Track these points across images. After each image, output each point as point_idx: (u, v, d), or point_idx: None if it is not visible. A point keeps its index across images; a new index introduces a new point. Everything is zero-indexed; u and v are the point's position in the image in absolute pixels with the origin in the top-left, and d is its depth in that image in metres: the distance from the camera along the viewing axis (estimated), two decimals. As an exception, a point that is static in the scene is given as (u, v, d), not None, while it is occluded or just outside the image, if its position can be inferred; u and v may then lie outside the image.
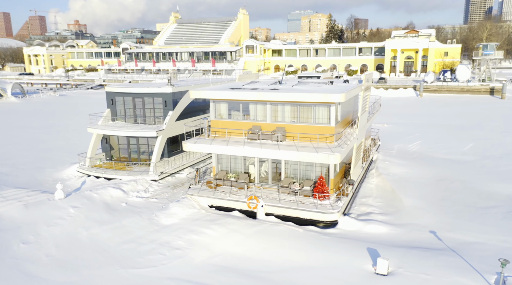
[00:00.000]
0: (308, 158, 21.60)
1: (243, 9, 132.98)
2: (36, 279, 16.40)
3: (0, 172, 31.99)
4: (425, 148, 39.84)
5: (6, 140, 44.38)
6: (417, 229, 21.36)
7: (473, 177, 30.25)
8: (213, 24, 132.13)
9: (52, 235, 20.13)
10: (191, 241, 19.39)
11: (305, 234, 20.27)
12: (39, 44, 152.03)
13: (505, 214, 23.29)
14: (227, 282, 16.25)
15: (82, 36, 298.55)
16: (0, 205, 24.43)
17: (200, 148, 24.02)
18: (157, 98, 30.98)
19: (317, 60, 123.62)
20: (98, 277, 16.60)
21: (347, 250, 18.42)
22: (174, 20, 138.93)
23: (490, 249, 18.99)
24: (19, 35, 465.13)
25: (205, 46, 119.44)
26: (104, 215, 22.37)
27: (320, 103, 22.91)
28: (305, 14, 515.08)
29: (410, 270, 16.74)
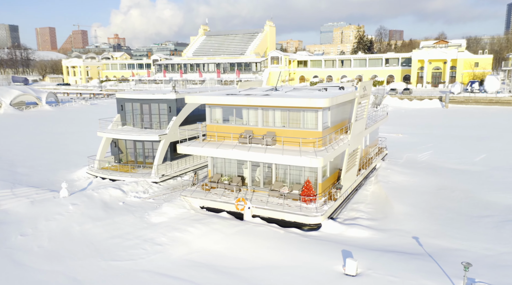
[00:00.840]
0: (292, 161, 22.10)
1: (270, 21, 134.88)
2: (23, 267, 17.71)
3: (18, 172, 34.21)
4: (435, 158, 39.15)
5: (32, 144, 47.18)
6: (400, 235, 21.28)
7: (476, 186, 29.61)
8: (240, 36, 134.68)
9: (48, 228, 21.54)
10: (174, 238, 20.26)
11: (286, 235, 20.68)
12: (76, 56, 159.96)
13: (497, 223, 22.77)
14: (198, 276, 16.95)
15: (119, 49, 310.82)
16: (10, 201, 26.36)
17: (192, 150, 25.03)
18: (162, 104, 32.40)
19: (343, 71, 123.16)
20: (79, 267, 17.71)
21: (321, 252, 18.71)
22: (203, 33, 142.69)
23: (470, 256, 18.72)
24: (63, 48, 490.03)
25: (231, 58, 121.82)
26: (99, 212, 23.66)
27: (307, 108, 23.43)
28: (338, 26, 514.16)
29: (378, 272, 16.84)
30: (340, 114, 26.99)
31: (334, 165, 26.10)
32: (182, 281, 16.49)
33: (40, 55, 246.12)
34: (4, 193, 27.97)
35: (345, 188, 25.85)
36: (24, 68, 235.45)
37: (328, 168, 25.24)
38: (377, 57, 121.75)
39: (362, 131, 28.88)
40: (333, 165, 25.94)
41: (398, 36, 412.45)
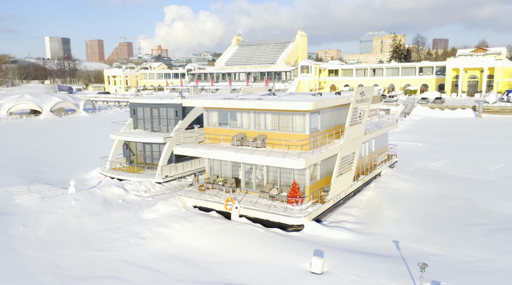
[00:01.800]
0: (276, 162, 22.66)
1: (302, 31, 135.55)
2: (16, 253, 19.32)
3: (40, 171, 36.75)
4: (449, 167, 38.10)
5: (59, 146, 50.28)
6: (381, 238, 21.19)
7: (482, 195, 28.73)
8: (271, 46, 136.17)
9: (48, 221, 23.23)
10: (158, 233, 21.30)
11: (265, 234, 21.18)
12: (117, 67, 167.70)
13: (488, 231, 22.11)
14: (170, 267, 17.83)
15: (159, 60, 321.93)
16: (24, 196, 28.56)
17: (186, 151, 26.16)
18: (169, 108, 33.89)
19: (374, 80, 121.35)
20: (65, 255, 19.09)
21: (294, 250, 19.06)
22: (235, 43, 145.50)
23: (445, 260, 18.44)
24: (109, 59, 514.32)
25: (261, 67, 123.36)
26: (98, 208, 25.18)
27: (295, 112, 23.94)
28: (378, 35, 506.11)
29: (344, 271, 17.01)
30: (335, 119, 27.21)
31: (327, 169, 26.28)
32: (153, 271, 17.43)
33: (86, 66, 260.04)
34: (20, 189, 30.30)
35: (337, 192, 25.94)
36: (71, 78, 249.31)
37: (319, 171, 25.49)
38: (410, 66, 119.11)
39: (360, 136, 28.87)
40: (325, 169, 26.15)
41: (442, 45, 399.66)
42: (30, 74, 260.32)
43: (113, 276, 17.04)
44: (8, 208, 26.06)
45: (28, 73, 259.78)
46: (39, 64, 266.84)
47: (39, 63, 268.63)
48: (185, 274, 17.23)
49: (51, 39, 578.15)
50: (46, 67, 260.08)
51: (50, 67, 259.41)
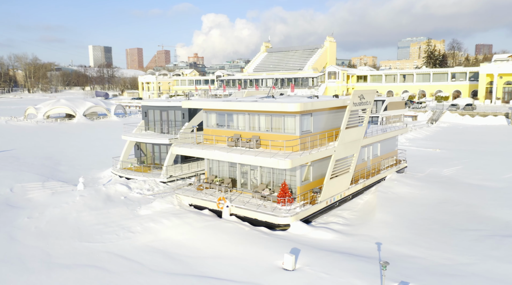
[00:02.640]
0: (263, 162, 23.15)
1: (330, 37, 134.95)
2: (14, 241, 20.79)
3: (58, 170, 38.92)
4: (461, 173, 37.02)
5: (83, 147, 52.83)
6: (364, 239, 21.13)
7: (486, 202, 27.89)
8: (300, 52, 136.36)
9: (51, 214, 24.74)
10: (147, 227, 22.25)
11: (249, 232, 21.64)
12: (150, 73, 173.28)
13: (479, 237, 21.54)
14: (149, 259, 18.67)
15: (195, 67, 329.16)
16: (37, 191, 30.50)
17: (183, 151, 27.13)
18: (177, 111, 35.11)
19: (404, 86, 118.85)
20: (57, 245, 20.36)
21: (272, 248, 19.41)
22: (264, 50, 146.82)
23: (422, 263, 18.25)
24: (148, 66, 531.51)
25: (289, 73, 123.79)
26: (99, 203, 26.51)
27: (286, 113, 24.36)
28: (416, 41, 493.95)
29: (314, 269, 17.22)
30: (331, 121, 27.35)
31: (321, 171, 26.41)
32: (132, 262, 18.33)
33: (123, 73, 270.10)
34: (35, 185, 32.35)
35: (330, 194, 26.01)
36: (109, 84, 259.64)
37: (311, 173, 25.69)
38: (442, 72, 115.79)
39: (358, 139, 28.81)
40: (319, 170, 26.29)
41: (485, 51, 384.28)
42: (72, 81, 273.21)
43: (94, 265, 18.06)
44: (20, 202, 27.92)
45: (70, 80, 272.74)
46: (80, 71, 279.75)
47: (80, 71, 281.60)
48: (162, 266, 18.00)
49: (94, 47, 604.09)
50: (87, 74, 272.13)
51: (90, 74, 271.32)
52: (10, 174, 36.18)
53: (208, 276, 17.04)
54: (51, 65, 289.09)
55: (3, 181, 33.47)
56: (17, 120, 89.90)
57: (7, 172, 37.28)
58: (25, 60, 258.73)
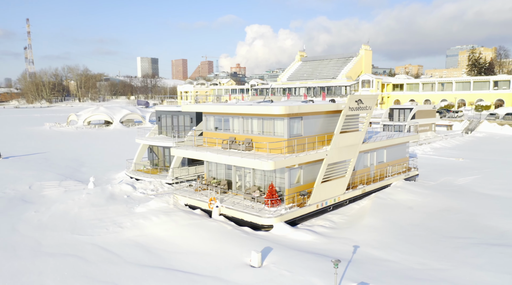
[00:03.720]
0: (248, 163, 23.70)
1: (366, 45, 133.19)
2: (15, 232, 22.58)
3: (80, 170, 41.36)
4: (476, 183, 35.54)
5: (110, 151, 55.61)
6: (343, 242, 21.04)
7: (490, 211, 26.77)
8: (334, 61, 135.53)
9: (56, 209, 26.55)
10: (136, 223, 23.37)
11: (230, 231, 22.18)
12: (188, 83, 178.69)
13: (466, 245, 20.83)
14: (127, 251, 19.71)
15: (235, 77, 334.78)
16: (52, 189, 32.72)
17: (179, 152, 28.23)
18: (186, 116, 36.44)
19: (442, 95, 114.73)
20: (50, 236, 21.88)
21: (246, 246, 19.83)
22: (299, 59, 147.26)
23: (392, 266, 18.01)
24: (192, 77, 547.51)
25: (322, 82, 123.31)
26: (101, 201, 28.08)
27: (276, 117, 24.83)
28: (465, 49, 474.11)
29: (279, 266, 17.51)
30: (326, 125, 27.42)
31: (314, 174, 26.49)
32: (110, 254, 19.44)
33: (164, 83, 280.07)
34: (53, 183, 34.69)
35: (322, 198, 26.03)
36: (153, 94, 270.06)
37: (302, 176, 25.86)
38: (483, 80, 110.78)
39: (356, 144, 28.62)
40: (312, 174, 26.39)
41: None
42: (119, 91, 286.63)
43: (75, 254, 19.33)
44: (34, 198, 30.11)
45: (117, 90, 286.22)
46: (126, 81, 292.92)
47: (126, 81, 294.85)
48: (137, 258, 18.95)
49: (142, 59, 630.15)
50: (132, 84, 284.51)
51: (135, 84, 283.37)
52: (35, 174, 38.98)
53: (177, 269, 17.76)
54: (101, 75, 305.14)
55: (26, 179, 36.17)
56: (60, 126, 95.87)
57: (33, 171, 40.18)
58: (76, 71, 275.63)
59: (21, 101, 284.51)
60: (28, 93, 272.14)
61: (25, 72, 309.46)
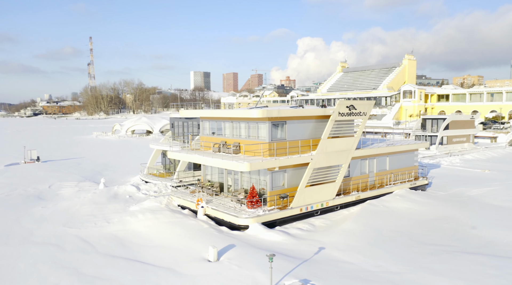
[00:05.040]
0: (226, 165, 24.56)
1: (410, 55, 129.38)
2: (16, 223, 24.93)
3: (101, 173, 44.12)
4: (490, 194, 33.65)
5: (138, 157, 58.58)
6: (310, 244, 21.14)
7: (486, 221, 25.58)
8: (376, 71, 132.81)
9: (61, 205, 28.82)
10: (122, 219, 24.88)
11: (205, 229, 23.01)
12: (231, 95, 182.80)
13: (438, 251, 20.20)
14: (102, 243, 21.15)
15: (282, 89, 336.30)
16: (68, 188, 35.45)
17: (174, 155, 29.62)
18: (194, 122, 38.00)
19: (491, 106, 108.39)
20: (43, 228, 23.89)
21: (211, 243, 20.53)
22: (340, 70, 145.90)
23: (346, 267, 17.96)
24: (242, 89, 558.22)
25: (361, 92, 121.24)
26: (103, 199, 30.05)
27: (259, 121, 25.54)
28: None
29: (231, 261, 18.14)
30: (316, 130, 27.60)
31: (299, 178, 26.67)
32: (86, 244, 20.99)
33: (212, 95, 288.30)
34: (71, 184, 37.51)
35: (306, 202, 26.13)
36: (200, 105, 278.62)
37: (286, 179, 26.18)
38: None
39: (348, 150, 28.43)
40: (298, 178, 26.60)
41: None
42: (170, 103, 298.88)
43: (56, 244, 21.07)
44: (49, 196, 32.82)
45: (168, 102, 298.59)
46: (176, 94, 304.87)
47: (176, 94, 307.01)
48: (108, 249, 20.32)
49: (195, 73, 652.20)
50: (182, 97, 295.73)
51: (184, 97, 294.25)
52: (60, 175, 42.29)
53: (138, 260, 18.87)
54: (155, 89, 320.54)
55: (49, 180, 39.39)
56: (105, 135, 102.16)
57: (60, 173, 43.59)
58: (132, 85, 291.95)
59: (82, 113, 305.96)
60: (89, 106, 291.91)
61: (87, 87, 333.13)
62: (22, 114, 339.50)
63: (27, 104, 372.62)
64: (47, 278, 16.91)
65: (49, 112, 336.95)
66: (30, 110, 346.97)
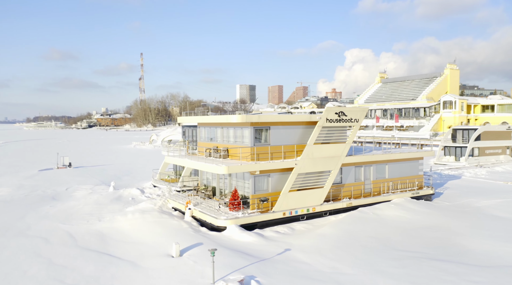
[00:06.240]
0: (206, 167, 25.56)
1: (452, 64, 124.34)
2: (21, 218, 27.19)
3: (120, 178, 46.54)
4: (497, 206, 31.94)
5: (163, 166, 61.02)
6: (278, 245, 21.48)
7: (477, 232, 24.56)
8: (416, 82, 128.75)
9: (66, 205, 31.01)
10: (112, 218, 26.42)
11: (184, 229, 23.96)
12: (269, 106, 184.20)
13: (406, 258, 19.82)
14: (87, 239, 22.66)
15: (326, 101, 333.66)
16: (81, 191, 37.89)
17: (169, 159, 31.13)
18: (201, 129, 39.37)
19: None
20: (41, 224, 25.89)
21: (182, 241, 21.42)
22: (379, 80, 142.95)
23: (299, 267, 18.25)
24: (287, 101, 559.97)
25: (399, 103, 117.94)
26: (106, 200, 31.96)
27: (243, 126, 26.36)
28: None
29: (190, 257, 19.04)
30: (304, 136, 27.88)
31: (284, 183, 26.97)
32: (70, 238, 22.62)
33: (251, 107, 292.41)
34: (87, 187, 40.03)
35: (289, 206, 26.38)
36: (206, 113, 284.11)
37: (270, 183, 26.61)
38: None
39: (336, 156, 28.39)
40: (282, 182, 26.93)
41: None
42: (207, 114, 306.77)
43: (44, 237, 22.88)
44: (63, 197, 35.29)
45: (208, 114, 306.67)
46: (219, 106, 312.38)
47: (219, 106, 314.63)
48: (87, 243, 21.80)
49: (241, 86, 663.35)
50: (224, 109, 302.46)
51: (227, 109, 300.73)
52: (82, 179, 45.20)
53: (108, 254, 20.14)
54: (200, 102, 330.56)
55: (70, 183, 42.27)
56: (143, 144, 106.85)
57: (82, 177, 46.58)
58: (178, 98, 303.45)
59: (132, 125, 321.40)
60: (138, 118, 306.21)
61: (137, 100, 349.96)
62: (78, 126, 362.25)
63: (84, 117, 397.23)
64: (20, 266, 18.57)
65: (102, 124, 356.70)
66: (86, 122, 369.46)
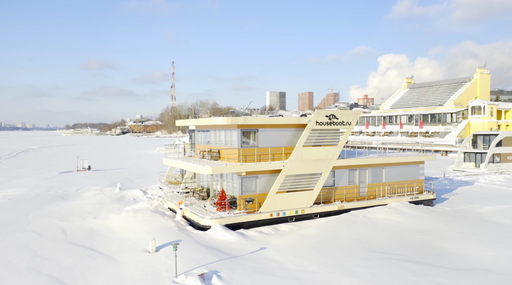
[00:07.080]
0: (193, 168, 26.25)
1: (482, 68, 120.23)
2: (25, 216, 28.82)
3: (132, 181, 48.10)
4: (499, 212, 30.90)
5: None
6: (255, 244, 21.80)
7: (465, 236, 24.01)
8: (444, 87, 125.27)
9: (71, 204, 32.57)
10: (107, 216, 27.59)
11: (169, 227, 24.73)
12: (295, 113, 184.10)
13: (378, 259, 19.69)
14: (77, 234, 23.83)
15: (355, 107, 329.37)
16: (91, 191, 39.56)
17: (167, 162, 32.03)
18: (205, 133, 40.31)
19: None
20: (40, 220, 27.33)
21: (163, 237, 22.20)
22: (406, 86, 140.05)
23: (267, 264, 18.57)
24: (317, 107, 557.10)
25: (426, 109, 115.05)
26: (108, 200, 33.30)
27: (232, 128, 26.99)
28: None
29: (164, 253, 19.84)
30: (292, 139, 28.16)
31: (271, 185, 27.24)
32: (62, 233, 23.85)
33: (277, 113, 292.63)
34: (96, 188, 41.74)
35: (277, 208, 26.64)
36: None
37: (258, 185, 27.00)
38: None
39: (327, 159, 28.44)
40: (271, 184, 27.25)
41: None
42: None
43: (37, 231, 24.23)
44: (71, 197, 36.99)
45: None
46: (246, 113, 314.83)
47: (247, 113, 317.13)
48: (75, 238, 22.92)
49: (271, 93, 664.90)
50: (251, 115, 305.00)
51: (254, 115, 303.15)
52: (96, 181, 47.09)
53: (91, 248, 21.14)
54: (228, 109, 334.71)
55: (83, 184, 44.18)
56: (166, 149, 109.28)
57: (97, 180, 48.52)
58: (207, 105, 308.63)
59: (163, 131, 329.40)
60: (168, 124, 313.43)
61: (168, 107, 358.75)
62: (112, 132, 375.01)
63: (118, 124, 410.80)
64: (6, 257, 19.83)
65: (135, 130, 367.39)
66: (119, 129, 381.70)
